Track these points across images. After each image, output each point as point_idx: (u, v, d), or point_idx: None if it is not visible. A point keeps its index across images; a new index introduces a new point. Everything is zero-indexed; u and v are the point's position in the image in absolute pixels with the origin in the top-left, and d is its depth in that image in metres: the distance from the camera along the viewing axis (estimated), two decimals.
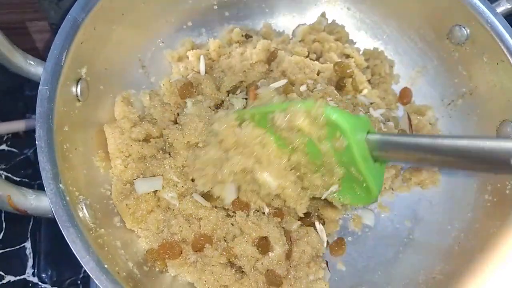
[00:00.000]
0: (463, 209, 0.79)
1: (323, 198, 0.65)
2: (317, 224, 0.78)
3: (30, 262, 0.92)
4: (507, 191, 0.74)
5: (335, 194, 0.64)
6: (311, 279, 0.74)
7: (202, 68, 0.86)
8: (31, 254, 0.92)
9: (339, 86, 0.84)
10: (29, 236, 0.94)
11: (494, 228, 0.73)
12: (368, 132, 0.57)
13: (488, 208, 0.76)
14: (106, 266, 0.56)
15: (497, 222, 0.72)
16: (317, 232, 0.77)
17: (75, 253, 0.55)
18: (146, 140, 0.78)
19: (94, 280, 0.54)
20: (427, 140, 0.54)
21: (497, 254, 0.69)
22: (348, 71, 0.84)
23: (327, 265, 0.77)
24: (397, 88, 0.94)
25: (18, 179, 0.98)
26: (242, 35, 0.91)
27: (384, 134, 0.62)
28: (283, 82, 0.80)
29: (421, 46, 0.90)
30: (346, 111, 0.61)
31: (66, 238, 0.55)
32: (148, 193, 0.73)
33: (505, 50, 0.75)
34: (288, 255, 0.72)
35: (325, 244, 0.77)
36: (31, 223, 0.95)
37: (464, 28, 0.81)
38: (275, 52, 0.85)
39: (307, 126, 0.57)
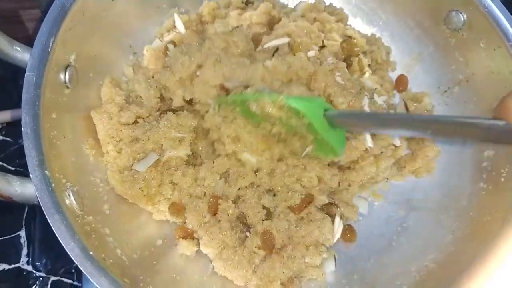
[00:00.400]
0: (457, 197, 0.78)
1: (302, 156, 0.76)
2: (337, 218, 0.79)
3: (24, 251, 0.92)
4: (502, 179, 0.73)
5: (310, 152, 0.76)
6: (306, 262, 0.74)
7: (179, 25, 0.85)
8: (26, 243, 0.92)
9: (347, 64, 0.84)
10: (23, 224, 0.94)
11: (488, 216, 0.72)
12: (326, 110, 0.71)
13: (482, 196, 0.75)
14: (91, 253, 0.56)
15: (491, 210, 0.72)
16: (333, 224, 0.78)
17: (59, 239, 0.55)
18: (135, 122, 0.77)
19: (79, 266, 0.54)
20: (367, 115, 0.74)
21: (490, 243, 0.68)
22: (356, 49, 0.84)
23: (334, 259, 0.78)
24: (393, 75, 0.93)
25: (13, 168, 0.98)
26: (242, 1, 0.89)
27: (337, 110, 0.76)
28: (284, 40, 0.79)
29: (418, 32, 0.88)
30: (305, 97, 0.75)
31: (51, 225, 0.55)
32: (151, 169, 0.73)
33: (502, 36, 0.73)
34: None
35: (335, 239, 0.78)
36: (25, 211, 0.95)
37: (461, 13, 0.79)
38: (278, 17, 0.84)
39: (276, 112, 0.70)
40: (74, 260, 0.55)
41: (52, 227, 0.56)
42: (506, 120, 0.50)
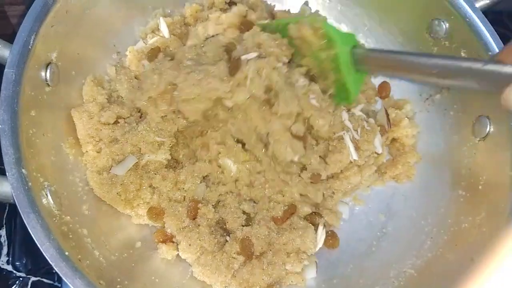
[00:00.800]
0: (436, 203, 0.79)
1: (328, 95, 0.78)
2: (320, 227, 0.78)
3: (4, 250, 0.90)
4: (480, 187, 0.73)
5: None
6: (287, 269, 0.74)
7: (164, 29, 0.84)
8: (6, 242, 0.91)
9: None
10: (4, 224, 0.93)
11: (465, 223, 0.72)
12: (354, 47, 0.74)
13: (461, 203, 0.76)
14: (67, 253, 0.56)
15: (469, 218, 0.72)
16: (316, 233, 0.77)
17: (34, 239, 0.54)
18: (116, 122, 0.76)
19: (53, 267, 0.54)
20: (396, 56, 0.74)
21: (468, 250, 0.69)
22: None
23: (316, 265, 0.77)
24: (376, 82, 0.93)
25: None
26: (226, 2, 0.87)
27: (366, 49, 0.81)
28: (253, 55, 0.75)
29: (401, 40, 0.89)
30: (338, 29, 0.82)
31: (26, 224, 0.55)
32: (130, 173, 0.73)
33: (482, 45, 0.74)
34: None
35: (317, 248, 0.77)
36: (6, 211, 0.94)
37: (443, 22, 0.80)
38: (251, 22, 0.83)
39: (311, 35, 0.74)
40: (49, 261, 0.54)
41: (27, 227, 0.55)
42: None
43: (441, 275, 0.70)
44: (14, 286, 0.86)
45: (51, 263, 0.54)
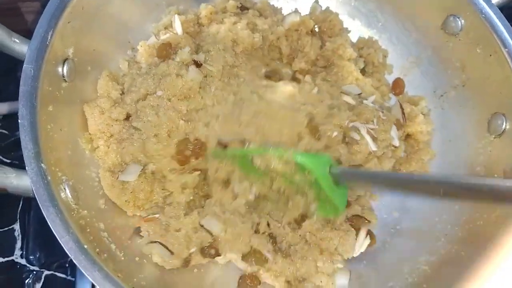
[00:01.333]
0: (451, 201, 0.79)
1: (313, 216, 0.75)
2: (362, 233, 0.78)
3: (18, 244, 0.91)
4: None
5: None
6: (318, 266, 0.74)
7: (177, 26, 0.84)
8: (20, 236, 0.92)
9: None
10: (18, 218, 0.94)
11: (480, 220, 0.72)
12: (330, 166, 0.70)
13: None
14: (86, 246, 0.56)
15: (484, 215, 0.72)
16: (356, 239, 0.77)
17: (54, 232, 0.55)
18: (126, 118, 0.76)
19: (73, 260, 0.54)
20: (371, 173, 0.73)
21: (482, 246, 0.69)
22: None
23: (349, 275, 0.76)
24: (390, 78, 0.93)
25: (9, 161, 0.98)
26: (238, 7, 0.88)
27: (342, 168, 0.75)
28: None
29: (416, 36, 0.89)
30: (311, 154, 0.74)
31: (46, 218, 0.55)
32: (140, 179, 0.72)
33: (498, 42, 0.74)
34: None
35: (355, 254, 0.77)
36: (20, 205, 0.95)
37: (459, 18, 0.80)
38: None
39: (281, 167, 0.70)
40: (68, 254, 0.55)
41: (47, 220, 0.55)
42: None
43: (455, 272, 0.70)
44: (27, 279, 0.87)
45: (70, 256, 0.55)
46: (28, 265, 0.89)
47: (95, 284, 0.55)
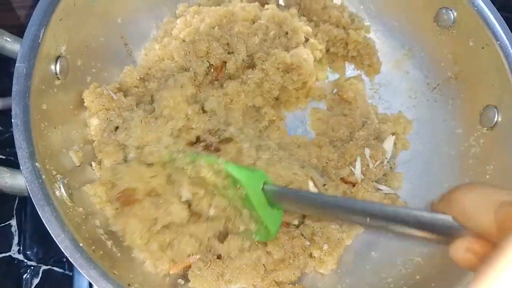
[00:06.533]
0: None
1: (255, 239, 0.69)
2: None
3: (15, 240, 0.92)
4: (488, 176, 0.74)
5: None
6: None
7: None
8: (17, 232, 0.92)
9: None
10: (14, 214, 0.94)
11: None
12: (264, 183, 0.65)
13: None
14: (81, 244, 0.57)
15: None
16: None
17: (49, 231, 0.55)
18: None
19: (69, 258, 0.55)
20: (307, 195, 0.67)
21: None
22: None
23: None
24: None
25: (4, 157, 0.98)
26: None
27: (276, 186, 0.68)
28: None
29: (408, 28, 0.89)
30: (244, 167, 0.69)
31: (41, 217, 0.56)
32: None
33: (490, 35, 0.74)
34: None
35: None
36: (16, 201, 0.95)
37: (451, 11, 0.80)
38: None
39: (211, 177, 0.65)
40: (64, 252, 0.55)
41: (42, 219, 0.56)
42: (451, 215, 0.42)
43: (448, 264, 0.71)
44: (25, 275, 0.87)
45: (66, 254, 0.55)
46: (25, 260, 0.89)
47: (91, 282, 0.56)
